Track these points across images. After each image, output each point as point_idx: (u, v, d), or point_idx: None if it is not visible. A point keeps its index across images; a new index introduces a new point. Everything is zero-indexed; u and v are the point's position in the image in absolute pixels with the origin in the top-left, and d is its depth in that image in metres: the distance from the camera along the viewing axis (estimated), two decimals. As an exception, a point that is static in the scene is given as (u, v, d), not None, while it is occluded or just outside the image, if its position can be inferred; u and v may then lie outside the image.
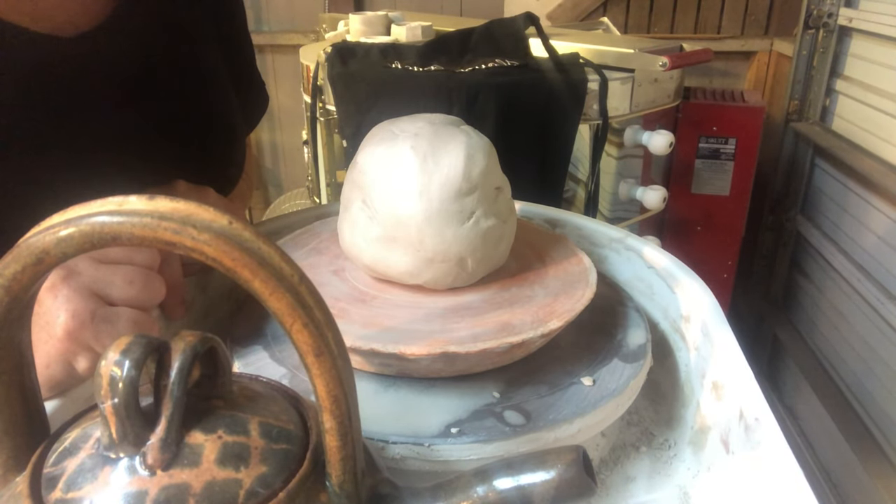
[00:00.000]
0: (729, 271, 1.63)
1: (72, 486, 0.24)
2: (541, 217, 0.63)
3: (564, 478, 0.26)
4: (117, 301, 0.39)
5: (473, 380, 0.43)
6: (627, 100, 1.22)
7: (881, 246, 1.36)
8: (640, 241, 0.57)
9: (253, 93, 0.69)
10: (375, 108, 1.12)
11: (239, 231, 0.23)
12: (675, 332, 0.53)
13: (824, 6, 1.53)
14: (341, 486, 0.26)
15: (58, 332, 0.37)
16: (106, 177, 0.47)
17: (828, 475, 1.49)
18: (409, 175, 0.44)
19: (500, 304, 0.45)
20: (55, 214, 0.23)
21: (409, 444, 0.38)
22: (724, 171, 1.53)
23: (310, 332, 0.23)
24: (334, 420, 0.25)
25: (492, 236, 0.46)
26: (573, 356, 0.46)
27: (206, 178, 0.54)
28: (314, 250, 0.53)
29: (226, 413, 0.26)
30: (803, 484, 0.33)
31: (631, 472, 0.45)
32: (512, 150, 1.07)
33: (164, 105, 0.53)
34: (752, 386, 0.40)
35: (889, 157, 1.34)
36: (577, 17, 2.01)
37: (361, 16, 1.41)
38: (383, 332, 0.42)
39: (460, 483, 0.27)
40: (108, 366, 0.23)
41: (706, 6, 2.03)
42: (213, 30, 0.59)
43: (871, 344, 1.37)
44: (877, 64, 1.41)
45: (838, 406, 1.44)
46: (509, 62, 1.16)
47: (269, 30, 2.20)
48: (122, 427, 0.23)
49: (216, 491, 0.24)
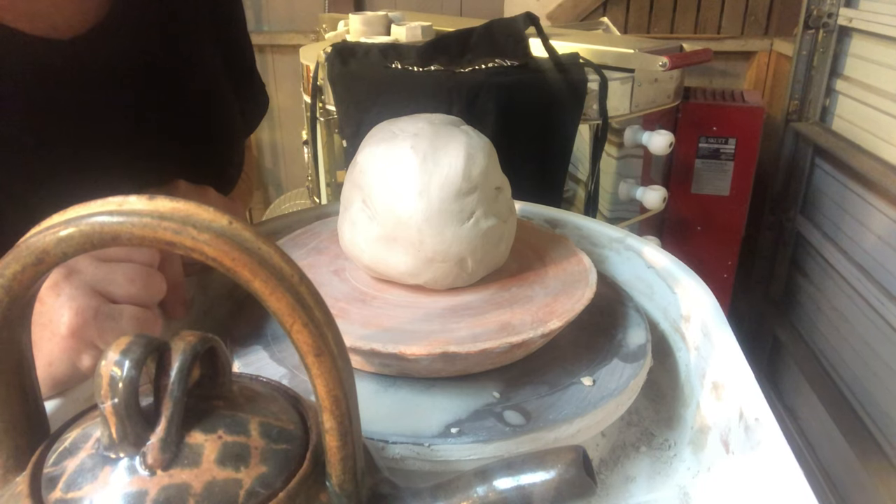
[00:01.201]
0: (729, 271, 1.63)
1: (72, 486, 0.24)
2: (541, 217, 0.63)
3: (564, 478, 0.26)
4: (119, 298, 0.39)
5: (473, 380, 0.43)
6: (627, 100, 1.22)
7: (881, 246, 1.36)
8: (640, 241, 0.57)
9: (253, 94, 0.69)
10: (375, 108, 1.12)
11: (239, 231, 0.23)
12: (675, 332, 0.53)
13: (824, 6, 1.53)
14: (341, 486, 0.26)
15: (61, 330, 0.37)
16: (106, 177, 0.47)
17: (828, 475, 1.49)
18: (408, 175, 0.44)
19: (500, 304, 0.45)
20: (55, 214, 0.23)
21: (409, 444, 0.38)
22: (724, 171, 1.53)
23: (310, 332, 0.23)
24: (334, 420, 0.25)
25: (492, 236, 0.46)
26: (573, 356, 0.46)
27: (205, 178, 0.54)
28: (314, 250, 0.53)
29: (226, 413, 0.26)
30: (803, 484, 0.33)
31: (631, 472, 0.45)
32: (512, 150, 1.08)
33: (162, 105, 0.53)
34: (752, 386, 0.40)
35: (889, 157, 1.34)
36: (577, 17, 2.01)
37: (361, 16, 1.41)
38: (383, 332, 0.42)
39: (460, 483, 0.27)
40: (108, 366, 0.23)
41: (706, 6, 2.03)
42: (212, 31, 0.59)
43: (871, 344, 1.37)
44: (877, 64, 1.41)
45: (838, 406, 1.44)
46: (509, 62, 1.16)
47: (269, 30, 2.20)
48: (122, 427, 0.23)
49: (216, 491, 0.24)
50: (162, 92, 0.53)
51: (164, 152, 0.53)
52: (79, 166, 0.47)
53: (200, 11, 0.57)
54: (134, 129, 0.51)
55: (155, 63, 0.52)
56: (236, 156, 0.63)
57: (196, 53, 0.57)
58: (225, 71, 0.61)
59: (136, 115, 0.51)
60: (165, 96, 0.54)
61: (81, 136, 0.47)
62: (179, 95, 0.55)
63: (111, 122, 0.49)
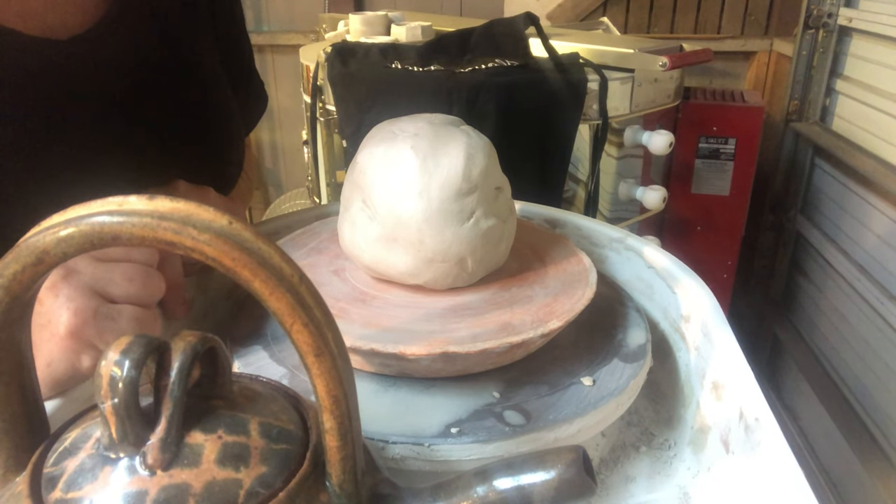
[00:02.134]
0: (729, 271, 1.63)
1: (72, 486, 0.24)
2: (541, 217, 0.63)
3: (564, 478, 0.26)
4: (118, 298, 0.39)
5: (473, 380, 0.43)
6: (627, 100, 1.22)
7: (881, 246, 1.36)
8: (640, 241, 0.57)
9: (252, 93, 0.69)
10: (375, 108, 1.12)
11: (239, 231, 0.23)
12: (675, 332, 0.53)
13: (824, 6, 1.53)
14: (341, 486, 0.26)
15: (60, 331, 0.37)
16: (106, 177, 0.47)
17: (828, 475, 1.49)
18: (409, 175, 0.44)
19: (500, 304, 0.45)
20: (55, 214, 0.23)
21: (409, 444, 0.38)
22: (724, 171, 1.53)
23: (310, 332, 0.23)
24: (334, 420, 0.25)
25: (492, 236, 0.46)
26: (573, 356, 0.46)
27: (205, 178, 0.54)
28: (314, 250, 0.53)
29: (226, 413, 0.26)
30: (803, 484, 0.33)
31: (631, 472, 0.45)
32: (512, 150, 1.08)
33: (161, 105, 0.53)
34: (752, 386, 0.40)
35: (889, 157, 1.34)
36: (577, 17, 2.01)
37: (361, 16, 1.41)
38: (383, 332, 0.42)
39: (460, 483, 0.27)
40: (108, 366, 0.23)
41: (706, 6, 2.03)
42: (211, 29, 0.59)
43: (871, 344, 1.37)
44: (877, 64, 1.41)
45: (838, 406, 1.44)
46: (509, 62, 1.16)
47: (269, 30, 2.20)
48: (122, 427, 0.23)
49: (216, 491, 0.24)
50: (161, 92, 0.53)
51: (164, 152, 0.53)
52: (78, 166, 0.47)
53: (199, 10, 0.57)
54: (133, 129, 0.51)
55: (153, 63, 0.52)
56: (236, 155, 0.63)
57: (195, 53, 0.57)
58: (224, 70, 0.61)
59: (135, 115, 0.51)
60: (164, 96, 0.53)
61: (80, 136, 0.47)
62: (178, 95, 0.55)
63: (110, 122, 0.49)
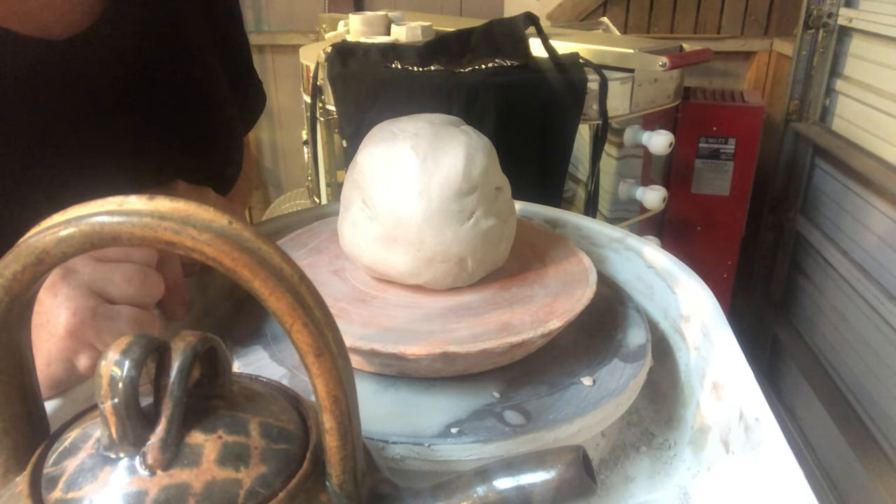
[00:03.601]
0: (729, 271, 1.63)
1: (72, 486, 0.24)
2: (541, 217, 0.63)
3: (564, 478, 0.26)
4: (117, 299, 0.39)
5: (473, 380, 0.43)
6: (627, 100, 1.22)
7: (881, 246, 1.36)
8: (640, 241, 0.57)
9: (251, 92, 0.69)
10: (375, 108, 1.12)
11: (239, 231, 0.23)
12: (675, 332, 0.53)
13: (824, 6, 1.53)
14: (341, 486, 0.26)
15: (59, 331, 0.37)
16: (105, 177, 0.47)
17: (828, 475, 1.49)
18: (409, 175, 0.44)
19: (500, 304, 0.45)
20: (55, 214, 0.23)
21: (409, 444, 0.38)
22: (724, 171, 1.53)
23: (310, 332, 0.23)
24: (334, 420, 0.25)
25: (492, 236, 0.46)
26: (573, 356, 0.46)
27: (204, 178, 0.54)
28: (314, 250, 0.53)
29: (226, 413, 0.26)
30: (803, 484, 0.33)
31: (631, 472, 0.45)
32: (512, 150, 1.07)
33: (160, 104, 0.53)
34: (752, 386, 0.40)
35: (889, 157, 1.34)
36: (577, 17, 2.01)
37: (361, 16, 1.41)
38: (383, 332, 0.42)
39: (460, 483, 0.27)
40: (108, 366, 0.23)
41: (706, 6, 2.03)
42: (209, 29, 0.59)
43: (871, 344, 1.37)
44: (877, 64, 1.41)
45: (838, 406, 1.44)
46: (509, 62, 1.16)
47: (269, 30, 2.20)
48: (122, 427, 0.23)
49: (216, 491, 0.24)
50: (159, 92, 0.53)
51: (163, 152, 0.53)
52: (76, 166, 0.47)
53: (197, 10, 0.57)
54: (131, 129, 0.51)
55: (151, 63, 0.52)
56: (235, 154, 0.63)
57: (193, 52, 0.57)
58: (222, 69, 0.61)
59: (133, 116, 0.51)
60: (163, 96, 0.53)
61: (79, 136, 0.47)
62: (176, 95, 0.55)
63: (109, 122, 0.49)
